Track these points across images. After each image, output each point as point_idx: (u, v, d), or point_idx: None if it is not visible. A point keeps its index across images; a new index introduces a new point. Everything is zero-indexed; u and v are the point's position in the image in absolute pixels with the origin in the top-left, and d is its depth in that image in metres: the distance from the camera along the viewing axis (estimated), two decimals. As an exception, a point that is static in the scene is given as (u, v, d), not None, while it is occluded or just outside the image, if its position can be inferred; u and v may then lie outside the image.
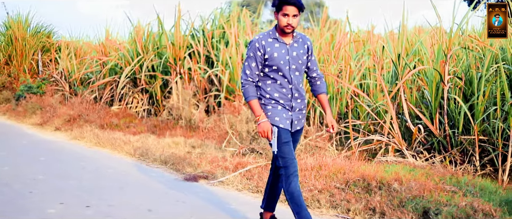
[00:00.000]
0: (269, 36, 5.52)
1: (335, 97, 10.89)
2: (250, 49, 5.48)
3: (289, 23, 5.36)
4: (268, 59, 5.44)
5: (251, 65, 5.47)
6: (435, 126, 9.04)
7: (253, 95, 5.45)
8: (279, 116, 5.45)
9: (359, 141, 9.56)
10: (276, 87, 5.50)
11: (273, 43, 5.48)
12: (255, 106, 5.44)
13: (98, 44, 18.06)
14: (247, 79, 5.47)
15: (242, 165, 8.78)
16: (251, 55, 5.46)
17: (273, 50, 5.45)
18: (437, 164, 8.53)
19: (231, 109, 11.29)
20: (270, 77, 5.49)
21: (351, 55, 11.77)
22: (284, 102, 5.51)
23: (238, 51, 12.37)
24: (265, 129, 5.38)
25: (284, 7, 5.34)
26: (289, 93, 5.53)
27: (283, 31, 5.44)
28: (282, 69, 5.46)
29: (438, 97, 9.09)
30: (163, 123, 13.35)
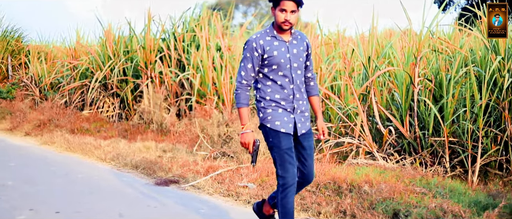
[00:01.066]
0: (266, 35, 5.21)
1: (306, 100, 10.90)
2: (247, 49, 5.19)
3: (287, 19, 5.09)
4: (267, 58, 5.15)
5: (246, 67, 5.18)
6: (405, 128, 9.09)
7: (243, 103, 5.20)
8: (280, 120, 5.15)
9: (330, 143, 9.59)
10: (276, 88, 5.18)
11: (272, 41, 5.18)
12: (243, 114, 5.19)
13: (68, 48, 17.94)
14: (242, 81, 5.20)
15: (213, 169, 8.77)
16: (248, 56, 5.17)
17: (272, 49, 5.15)
18: (407, 166, 8.58)
19: (202, 113, 11.28)
20: (270, 78, 5.19)
21: (322, 57, 11.79)
22: (285, 103, 5.19)
23: (209, 54, 12.37)
24: (246, 140, 5.15)
25: (282, 2, 5.08)
26: (290, 94, 5.20)
27: (281, 28, 5.15)
28: (283, 68, 5.17)
29: (408, 99, 9.14)
30: (134, 127, 13.30)
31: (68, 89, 16.13)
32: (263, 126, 5.22)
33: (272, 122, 5.13)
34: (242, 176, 8.28)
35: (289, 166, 5.13)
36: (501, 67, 8.42)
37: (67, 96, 16.21)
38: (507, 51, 8.36)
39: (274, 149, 5.14)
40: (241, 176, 8.32)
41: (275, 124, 5.12)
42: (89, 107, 15.36)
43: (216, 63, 12.10)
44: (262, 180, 7.94)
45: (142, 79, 13.90)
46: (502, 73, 8.35)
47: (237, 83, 5.24)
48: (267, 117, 5.16)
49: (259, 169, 8.44)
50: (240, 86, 5.21)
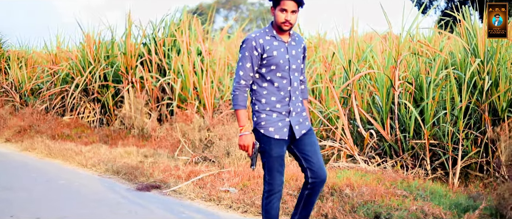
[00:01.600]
0: (266, 34, 5.06)
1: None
2: (245, 48, 5.01)
3: (287, 19, 4.96)
4: (266, 58, 5.00)
5: (245, 66, 5.00)
6: (386, 131, 9.12)
7: (241, 104, 5.00)
8: (274, 126, 5.02)
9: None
10: (272, 90, 5.04)
11: (271, 41, 5.04)
12: (241, 116, 5.00)
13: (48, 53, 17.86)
14: (240, 82, 5.01)
15: (194, 174, 8.75)
16: (246, 55, 5.00)
17: (272, 48, 5.01)
18: (388, 168, 8.61)
19: (183, 118, 11.26)
20: (267, 79, 5.04)
21: (303, 61, 11.80)
22: (281, 106, 5.05)
23: (190, 59, 12.35)
24: (245, 143, 5.00)
25: (282, 2, 4.95)
26: (287, 96, 5.07)
27: (281, 28, 5.02)
28: (281, 69, 5.02)
29: (389, 102, 9.17)
30: (116, 133, 13.25)
31: (48, 95, 16.05)
32: (256, 131, 5.09)
33: (265, 128, 5.00)
34: (224, 181, 8.27)
35: (277, 174, 5.06)
36: (481, 69, 8.46)
37: (47, 102, 16.13)
38: (486, 53, 8.41)
39: (265, 155, 5.04)
40: (223, 180, 8.31)
41: (269, 130, 5.00)
42: (70, 113, 15.30)
43: (197, 67, 12.09)
44: (244, 185, 7.93)
45: (123, 84, 13.86)
46: (482, 76, 8.39)
47: (235, 84, 5.06)
48: (260, 122, 5.02)
49: (240, 174, 8.43)
50: (238, 87, 5.03)
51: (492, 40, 8.58)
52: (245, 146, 5.01)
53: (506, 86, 8.31)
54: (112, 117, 14.34)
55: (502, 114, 8.31)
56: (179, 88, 12.29)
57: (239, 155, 9.31)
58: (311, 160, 5.14)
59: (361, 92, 10.13)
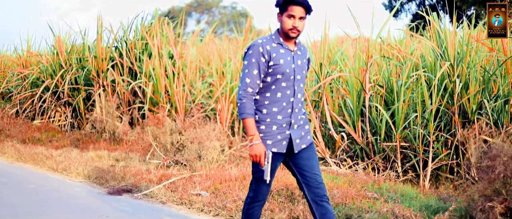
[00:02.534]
0: (272, 41, 4.83)
1: (259, 107, 10.92)
2: (252, 55, 4.75)
3: (295, 26, 4.75)
4: (273, 66, 4.75)
5: (252, 73, 4.73)
6: (357, 133, 9.15)
7: (249, 113, 4.71)
8: (273, 138, 4.79)
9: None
10: (275, 100, 4.81)
11: (278, 48, 4.81)
12: (250, 125, 4.70)
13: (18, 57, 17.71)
14: (247, 89, 4.74)
15: (166, 177, 8.72)
16: (253, 61, 4.73)
17: (279, 56, 4.78)
18: (359, 171, 8.64)
19: (155, 121, 11.21)
20: (271, 88, 4.80)
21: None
22: (282, 118, 4.82)
23: (161, 62, 12.31)
24: (257, 152, 4.69)
25: (290, 8, 4.74)
26: (289, 108, 4.84)
27: (288, 35, 4.81)
28: (287, 78, 4.79)
29: (360, 105, 9.21)
30: (87, 137, 13.17)
31: (18, 99, 15.91)
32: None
33: (263, 140, 4.76)
34: (195, 184, 8.25)
35: (263, 186, 4.93)
36: (451, 72, 8.53)
37: (18, 106, 15.99)
38: (456, 56, 8.48)
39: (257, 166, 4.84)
40: (194, 184, 8.29)
41: (266, 143, 4.77)
42: (40, 117, 15.17)
43: (168, 71, 12.05)
44: (216, 188, 7.92)
45: (95, 88, 13.78)
46: (452, 79, 8.45)
47: (242, 92, 4.77)
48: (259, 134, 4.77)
49: (212, 177, 8.42)
50: (245, 95, 4.74)
51: (462, 43, 8.65)
52: (257, 156, 4.70)
53: (476, 89, 8.38)
54: (83, 120, 14.25)
55: (472, 117, 8.37)
56: (150, 91, 12.25)
57: (211, 158, 9.30)
58: (307, 175, 4.92)
59: (333, 95, 10.16)
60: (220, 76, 11.59)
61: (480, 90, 8.38)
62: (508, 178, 6.34)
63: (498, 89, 8.29)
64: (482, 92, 8.39)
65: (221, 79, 11.52)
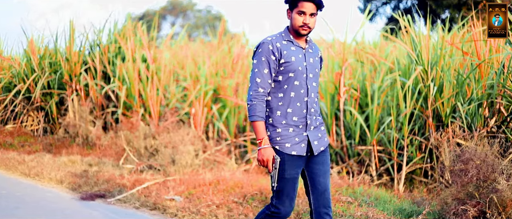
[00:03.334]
0: (282, 38, 4.65)
1: (234, 110, 10.90)
2: (262, 53, 4.56)
3: (305, 22, 4.57)
4: (285, 63, 4.56)
5: (262, 72, 4.53)
6: (332, 137, 9.15)
7: (259, 115, 4.51)
8: (291, 141, 4.58)
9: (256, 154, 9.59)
10: (289, 100, 4.59)
11: (289, 45, 4.63)
12: (259, 128, 4.51)
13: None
14: (258, 90, 4.53)
15: (139, 182, 8.66)
16: (263, 60, 4.54)
17: (290, 54, 4.59)
18: (334, 175, 8.64)
19: (128, 126, 11.13)
20: (283, 87, 4.59)
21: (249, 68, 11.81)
22: (298, 119, 4.60)
23: (135, 66, 12.23)
24: (265, 157, 4.49)
25: (300, 4, 4.56)
26: (304, 108, 4.62)
27: (298, 32, 4.63)
28: (299, 77, 4.59)
29: (334, 108, 9.21)
30: (60, 141, 13.04)
31: (-10, 104, 15.74)
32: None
33: (281, 144, 4.56)
34: (169, 189, 8.20)
35: (286, 199, 4.61)
36: (425, 76, 8.54)
37: (-11, 111, 15.82)
38: (430, 60, 8.49)
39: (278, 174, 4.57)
40: (168, 189, 8.23)
41: (285, 146, 4.56)
42: (12, 122, 15.01)
43: (142, 75, 11.98)
44: (189, 193, 7.88)
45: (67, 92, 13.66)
46: (426, 83, 8.47)
47: (252, 92, 4.56)
48: (276, 138, 4.57)
49: (186, 182, 8.37)
50: (256, 96, 4.53)
51: (436, 48, 8.67)
52: (265, 161, 4.50)
53: (450, 92, 8.40)
54: (56, 125, 14.12)
55: (446, 120, 8.39)
56: (124, 95, 12.15)
57: (185, 163, 9.25)
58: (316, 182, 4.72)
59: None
60: (194, 80, 11.53)
61: (454, 94, 8.40)
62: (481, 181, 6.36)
63: (472, 93, 8.31)
64: (456, 95, 8.42)
65: (195, 83, 11.47)
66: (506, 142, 7.41)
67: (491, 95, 8.07)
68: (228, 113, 10.91)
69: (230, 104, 10.87)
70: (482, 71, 8.32)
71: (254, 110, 4.52)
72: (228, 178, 8.26)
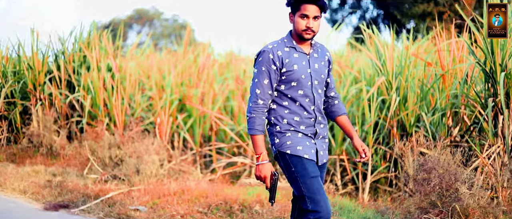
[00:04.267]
0: (284, 45, 4.44)
1: (199, 119, 10.87)
2: (262, 62, 4.37)
3: (309, 26, 4.35)
4: (286, 73, 4.37)
5: (262, 83, 4.36)
6: (297, 147, 9.16)
7: (258, 129, 4.34)
8: (302, 145, 4.37)
9: (222, 164, 9.57)
10: (295, 109, 4.40)
11: (291, 52, 4.42)
12: (258, 142, 4.34)
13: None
14: (257, 102, 4.35)
15: (104, 192, 8.60)
16: (263, 70, 4.36)
17: (292, 61, 4.39)
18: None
19: (93, 135, 11.05)
20: (288, 96, 4.42)
21: (215, 77, 11.80)
22: (305, 128, 4.42)
23: (100, 75, 12.15)
24: (263, 173, 4.29)
25: (303, 6, 4.34)
26: (312, 117, 4.44)
27: (301, 37, 4.41)
28: (303, 85, 4.40)
29: (300, 118, 9.22)
30: (23, 151, 12.90)
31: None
32: (281, 154, 4.42)
33: (292, 148, 4.36)
34: (134, 199, 8.15)
35: (320, 198, 4.27)
36: (389, 86, 8.60)
37: (-48, 120, 15.62)
38: (394, 71, 8.56)
39: (300, 179, 4.31)
40: (133, 199, 8.19)
41: (297, 149, 4.35)
42: (-25, 131, 14.84)
43: (107, 84, 11.91)
44: (154, 203, 7.85)
45: (31, 101, 13.53)
46: (390, 93, 8.53)
47: (252, 104, 4.39)
48: (285, 142, 4.38)
49: (150, 192, 8.33)
50: (255, 108, 4.36)
51: (400, 58, 8.74)
52: (263, 177, 4.30)
53: (414, 102, 8.47)
54: (20, 135, 13.98)
55: (410, 129, 8.45)
56: (89, 105, 12.07)
57: (150, 172, 9.20)
58: None
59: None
60: (159, 89, 11.49)
61: (418, 104, 8.47)
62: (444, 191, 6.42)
63: (436, 103, 8.38)
64: (420, 105, 8.48)
65: (161, 92, 11.43)
66: (469, 151, 7.48)
67: (454, 105, 8.15)
68: (193, 122, 10.89)
69: (196, 113, 10.85)
70: (446, 81, 8.41)
71: (253, 123, 4.34)
72: (193, 188, 8.23)
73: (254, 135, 4.36)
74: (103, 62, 12.50)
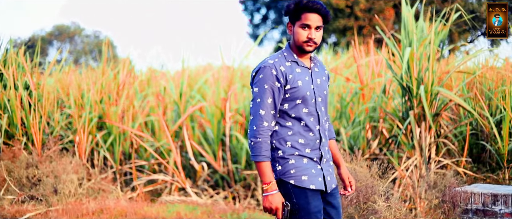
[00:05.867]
0: (285, 59, 3.98)
1: (119, 137, 10.74)
2: (264, 79, 3.89)
3: (311, 37, 3.92)
4: (291, 90, 3.92)
5: (266, 102, 3.87)
6: (218, 162, 9.15)
7: (265, 155, 3.86)
8: (307, 173, 3.92)
9: (142, 181, 9.48)
10: (299, 130, 3.96)
11: (293, 67, 3.97)
12: (266, 170, 3.85)
13: None
14: (262, 124, 3.88)
15: (20, 213, 8.42)
16: (266, 88, 3.87)
17: (295, 77, 3.94)
18: (219, 200, 8.63)
19: (10, 155, 10.79)
20: (291, 116, 3.95)
21: (136, 94, 11.69)
22: (310, 150, 3.98)
23: (17, 93, 11.90)
24: (274, 204, 3.84)
25: (304, 16, 3.92)
26: (317, 138, 4.01)
27: (302, 49, 3.99)
28: (308, 103, 3.96)
29: (220, 134, 9.22)
30: None
31: None
32: (283, 183, 3.94)
33: (297, 178, 3.90)
34: (51, 220, 8.00)
35: None
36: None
37: None
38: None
39: (301, 213, 3.91)
40: (50, 219, 8.04)
41: (301, 180, 3.90)
42: None
43: (24, 102, 11.66)
44: (72, 223, 7.71)
45: None
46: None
47: (257, 127, 3.89)
48: (289, 170, 3.91)
49: (68, 212, 8.18)
50: (261, 132, 3.87)
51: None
52: (274, 209, 3.86)
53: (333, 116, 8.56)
54: None
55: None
56: (5, 124, 11.79)
57: (68, 192, 9.04)
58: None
59: (193, 125, 10.14)
60: (78, 107, 11.31)
61: (337, 117, 8.56)
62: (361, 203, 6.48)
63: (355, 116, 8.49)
64: (339, 118, 8.58)
65: (80, 110, 11.25)
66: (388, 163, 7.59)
67: (373, 118, 8.27)
68: (113, 140, 10.75)
69: (116, 131, 10.71)
70: (364, 95, 8.53)
71: (259, 148, 3.86)
72: (112, 207, 8.13)
73: (261, 162, 3.87)
74: (20, 80, 12.24)
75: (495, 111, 8.81)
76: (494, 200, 6.36)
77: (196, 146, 9.41)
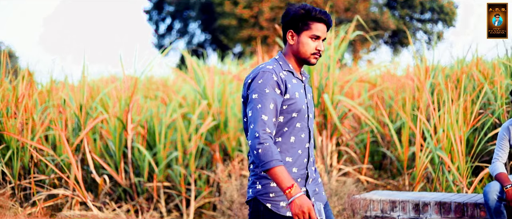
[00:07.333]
0: (281, 68, 3.58)
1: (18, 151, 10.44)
2: (265, 84, 3.46)
3: (320, 49, 3.58)
4: (289, 100, 3.51)
5: (268, 108, 3.43)
6: (120, 175, 9.01)
7: (278, 159, 3.31)
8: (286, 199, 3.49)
9: (42, 196, 9.24)
10: (288, 147, 3.56)
11: (290, 77, 3.58)
12: (283, 174, 3.30)
13: None
14: (265, 130, 3.38)
15: None
16: (267, 92, 3.44)
17: (293, 89, 3.55)
18: (121, 214, 8.50)
19: None
20: (283, 130, 3.53)
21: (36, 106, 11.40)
22: (297, 170, 3.57)
23: None
24: (305, 207, 3.25)
25: (314, 26, 3.56)
26: (305, 157, 3.61)
27: (305, 61, 3.64)
28: (302, 117, 3.58)
29: (122, 146, 9.10)
30: None
31: None
32: (255, 203, 3.55)
33: (274, 202, 3.50)
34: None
35: None
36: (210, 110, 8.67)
37: None
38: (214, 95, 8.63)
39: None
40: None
41: (278, 206, 3.50)
42: None
43: None
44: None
45: None
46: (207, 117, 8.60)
47: (260, 133, 3.37)
48: (268, 193, 3.51)
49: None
50: (265, 137, 3.36)
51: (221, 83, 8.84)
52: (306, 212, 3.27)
53: (235, 126, 8.57)
54: None
55: (232, 153, 8.53)
56: None
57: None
58: None
59: (95, 137, 9.96)
60: (-25, 121, 10.96)
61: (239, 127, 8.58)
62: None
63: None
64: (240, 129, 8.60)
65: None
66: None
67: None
68: (12, 154, 10.44)
69: (14, 144, 10.41)
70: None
71: (269, 154, 3.33)
72: (9, 224, 7.90)
73: (274, 167, 3.33)
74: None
75: (395, 118, 9.01)
76: (392, 206, 6.47)
77: (97, 159, 9.23)
